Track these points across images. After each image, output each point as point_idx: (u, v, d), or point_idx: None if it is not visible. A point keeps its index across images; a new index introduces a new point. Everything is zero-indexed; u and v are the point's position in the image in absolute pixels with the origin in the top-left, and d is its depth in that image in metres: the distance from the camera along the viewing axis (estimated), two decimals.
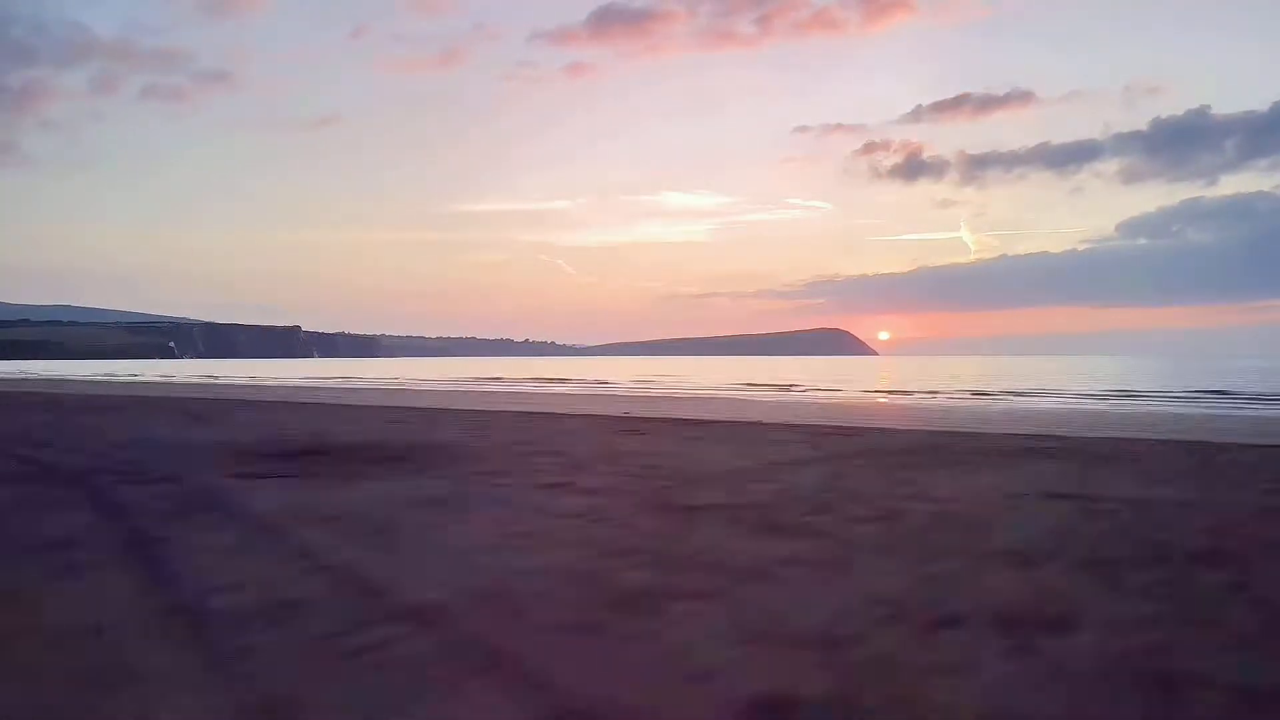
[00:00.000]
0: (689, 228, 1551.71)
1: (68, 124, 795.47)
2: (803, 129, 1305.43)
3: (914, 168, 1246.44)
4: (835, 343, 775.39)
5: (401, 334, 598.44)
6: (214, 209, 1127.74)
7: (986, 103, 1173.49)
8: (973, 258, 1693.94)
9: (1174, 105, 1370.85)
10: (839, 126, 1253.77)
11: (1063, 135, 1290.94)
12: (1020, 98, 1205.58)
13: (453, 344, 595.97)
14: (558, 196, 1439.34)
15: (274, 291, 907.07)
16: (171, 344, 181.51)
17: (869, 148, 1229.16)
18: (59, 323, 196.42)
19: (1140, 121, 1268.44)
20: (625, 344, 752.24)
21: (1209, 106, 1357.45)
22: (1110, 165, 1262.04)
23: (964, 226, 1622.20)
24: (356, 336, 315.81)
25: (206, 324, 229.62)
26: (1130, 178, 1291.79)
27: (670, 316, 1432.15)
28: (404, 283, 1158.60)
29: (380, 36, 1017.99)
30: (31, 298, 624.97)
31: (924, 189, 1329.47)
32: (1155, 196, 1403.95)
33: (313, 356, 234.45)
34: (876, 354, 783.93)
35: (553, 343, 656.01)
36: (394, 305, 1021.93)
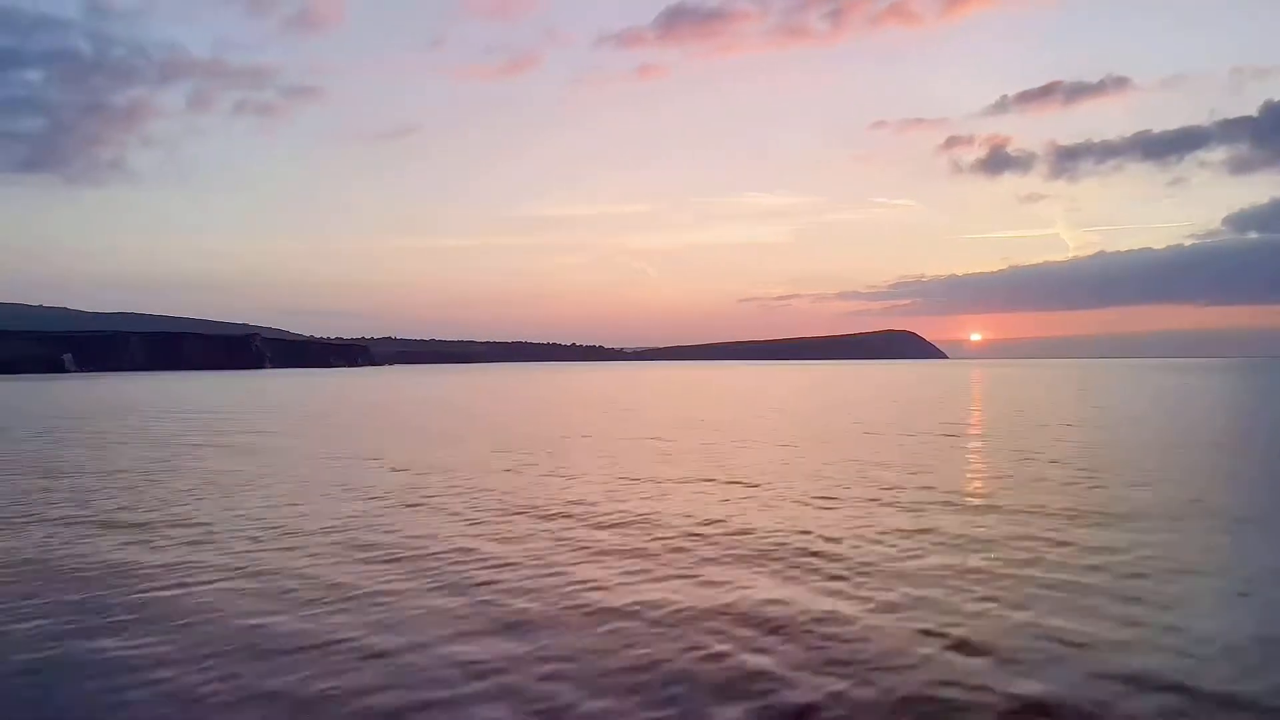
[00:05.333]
0: (769, 228, 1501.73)
1: (167, 140, 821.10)
2: (880, 124, 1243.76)
3: (998, 162, 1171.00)
4: (904, 345, 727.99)
5: (453, 338, 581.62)
6: (299, 218, 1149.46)
7: (1078, 91, 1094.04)
8: (1068, 255, 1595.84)
9: None
10: (919, 121, 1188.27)
11: (1163, 123, 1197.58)
12: (1115, 85, 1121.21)
13: (498, 349, 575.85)
14: (636, 199, 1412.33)
15: (344, 299, 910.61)
16: (68, 356, 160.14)
17: (950, 142, 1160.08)
18: None
19: (1249, 106, 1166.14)
20: (681, 347, 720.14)
21: None
22: (1216, 154, 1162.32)
23: (1060, 223, 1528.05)
24: (332, 343, 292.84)
25: (149, 333, 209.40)
26: (1239, 167, 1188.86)
27: (748, 319, 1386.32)
28: (472, 288, 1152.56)
29: (456, 46, 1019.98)
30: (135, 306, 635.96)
31: (1009, 184, 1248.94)
32: (1267, 187, 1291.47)
33: (265, 367, 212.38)
34: (946, 357, 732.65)
35: (600, 346, 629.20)
36: (452, 310, 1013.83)
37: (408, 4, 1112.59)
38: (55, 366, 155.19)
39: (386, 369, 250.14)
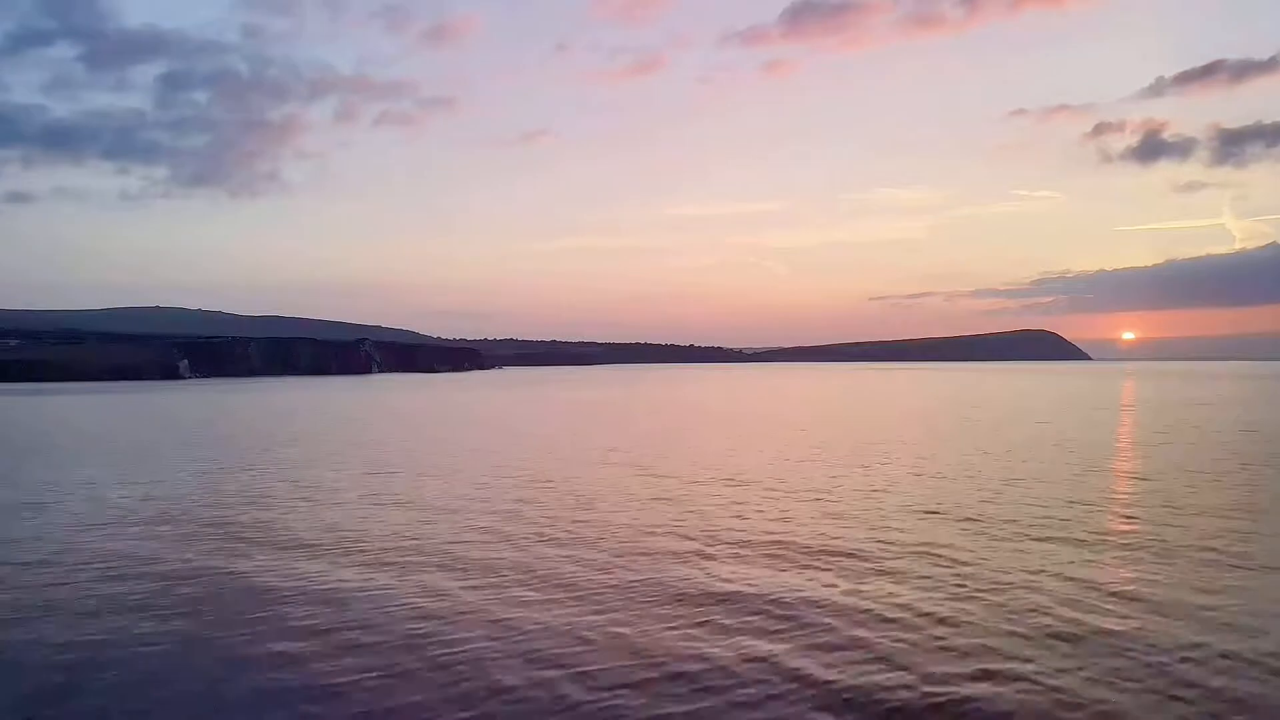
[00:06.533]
0: (901, 224, 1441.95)
1: (317, 152, 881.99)
2: (1019, 113, 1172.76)
3: (1152, 148, 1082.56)
4: (1042, 346, 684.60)
5: (574, 339, 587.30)
6: (434, 223, 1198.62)
7: (1245, 69, 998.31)
8: (1235, 247, 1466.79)
9: None
10: (1062, 108, 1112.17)
11: None
12: None
13: (617, 351, 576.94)
14: (765, 197, 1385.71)
15: (471, 300, 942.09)
16: (183, 363, 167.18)
17: (1099, 129, 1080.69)
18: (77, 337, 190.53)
19: None
20: (803, 348, 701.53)
21: None
22: None
23: (1225, 212, 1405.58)
24: (445, 344, 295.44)
25: (265, 338, 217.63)
26: None
27: (878, 317, 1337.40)
28: (598, 289, 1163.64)
29: (582, 51, 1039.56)
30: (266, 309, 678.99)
31: (1166, 171, 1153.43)
32: None
33: (373, 372, 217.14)
34: (1089, 359, 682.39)
35: (720, 348, 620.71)
36: (575, 312, 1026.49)
37: (536, 13, 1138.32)
38: (171, 373, 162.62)
39: (493, 372, 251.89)
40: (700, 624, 10.40)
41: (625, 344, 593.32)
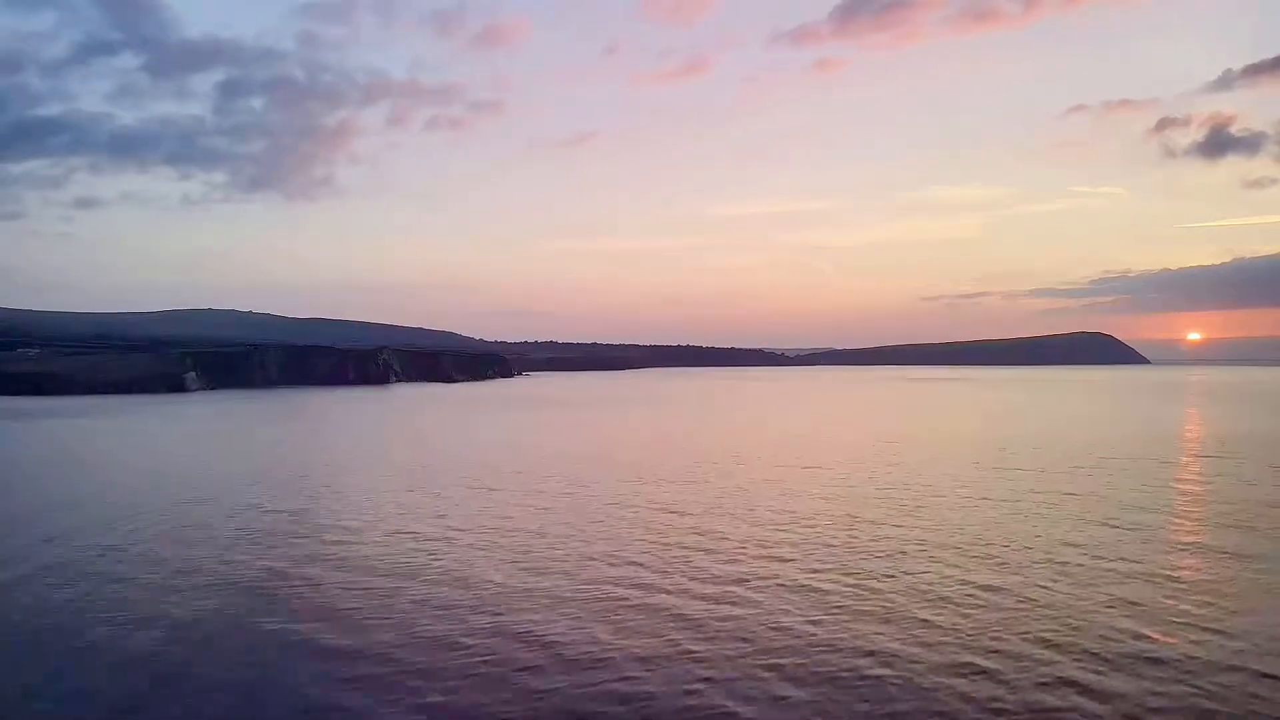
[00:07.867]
0: (957, 222, 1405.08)
1: (370, 156, 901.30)
2: (1079, 108, 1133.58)
3: (1220, 143, 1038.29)
4: (1098, 349, 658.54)
5: (616, 342, 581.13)
6: (482, 226, 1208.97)
7: None
8: None
9: None
10: (1124, 103, 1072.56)
11: None
12: None
13: (659, 354, 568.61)
14: (815, 196, 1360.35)
15: (516, 302, 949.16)
16: (190, 374, 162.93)
17: (1162, 124, 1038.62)
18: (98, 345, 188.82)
19: None
20: (850, 350, 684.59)
21: None
22: None
23: None
24: (470, 352, 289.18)
25: (286, 347, 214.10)
26: None
27: (929, 318, 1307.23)
28: (644, 291, 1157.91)
29: (630, 52, 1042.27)
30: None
31: (1233, 167, 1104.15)
32: None
33: (390, 382, 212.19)
34: (1147, 362, 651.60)
35: (762, 350, 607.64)
36: (619, 313, 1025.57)
37: (584, 15, 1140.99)
38: (177, 385, 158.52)
39: (515, 381, 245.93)
40: None
41: (666, 346, 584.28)
